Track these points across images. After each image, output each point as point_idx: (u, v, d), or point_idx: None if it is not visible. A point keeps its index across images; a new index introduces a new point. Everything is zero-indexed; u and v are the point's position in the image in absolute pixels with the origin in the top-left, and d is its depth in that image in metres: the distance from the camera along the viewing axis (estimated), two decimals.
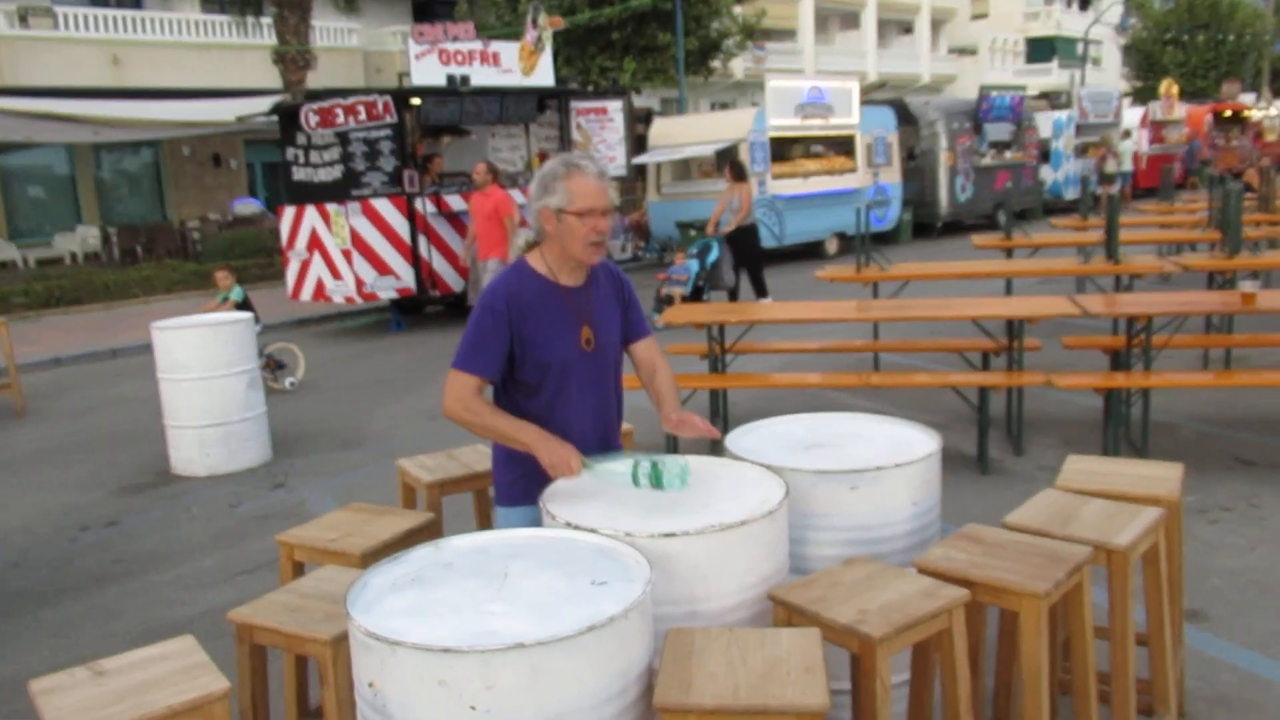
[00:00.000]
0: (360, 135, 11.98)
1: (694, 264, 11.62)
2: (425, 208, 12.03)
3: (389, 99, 11.81)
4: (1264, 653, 3.67)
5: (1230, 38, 39.57)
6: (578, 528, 2.41)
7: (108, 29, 21.88)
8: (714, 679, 2.01)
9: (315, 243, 12.57)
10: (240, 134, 22.88)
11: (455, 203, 12.15)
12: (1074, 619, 2.73)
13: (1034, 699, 2.53)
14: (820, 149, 17.94)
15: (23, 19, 20.64)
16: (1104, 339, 6.75)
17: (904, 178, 19.38)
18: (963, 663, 2.45)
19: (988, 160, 20.80)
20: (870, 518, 2.81)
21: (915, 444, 3.04)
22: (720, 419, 6.83)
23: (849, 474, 2.80)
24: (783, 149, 17.02)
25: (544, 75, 14.10)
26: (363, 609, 2.09)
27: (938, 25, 43.98)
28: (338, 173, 12.28)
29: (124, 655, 2.35)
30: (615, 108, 14.93)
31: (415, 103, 12.11)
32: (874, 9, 39.73)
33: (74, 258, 20.50)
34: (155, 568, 5.22)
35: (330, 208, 12.27)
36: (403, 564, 2.31)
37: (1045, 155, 23.03)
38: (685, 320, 6.57)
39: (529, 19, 14.07)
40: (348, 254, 12.17)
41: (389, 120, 11.77)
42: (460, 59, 13.16)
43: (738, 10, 24.12)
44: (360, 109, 11.89)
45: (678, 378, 3.09)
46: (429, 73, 12.86)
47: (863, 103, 18.18)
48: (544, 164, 2.85)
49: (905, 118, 19.82)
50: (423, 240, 12.04)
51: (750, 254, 11.93)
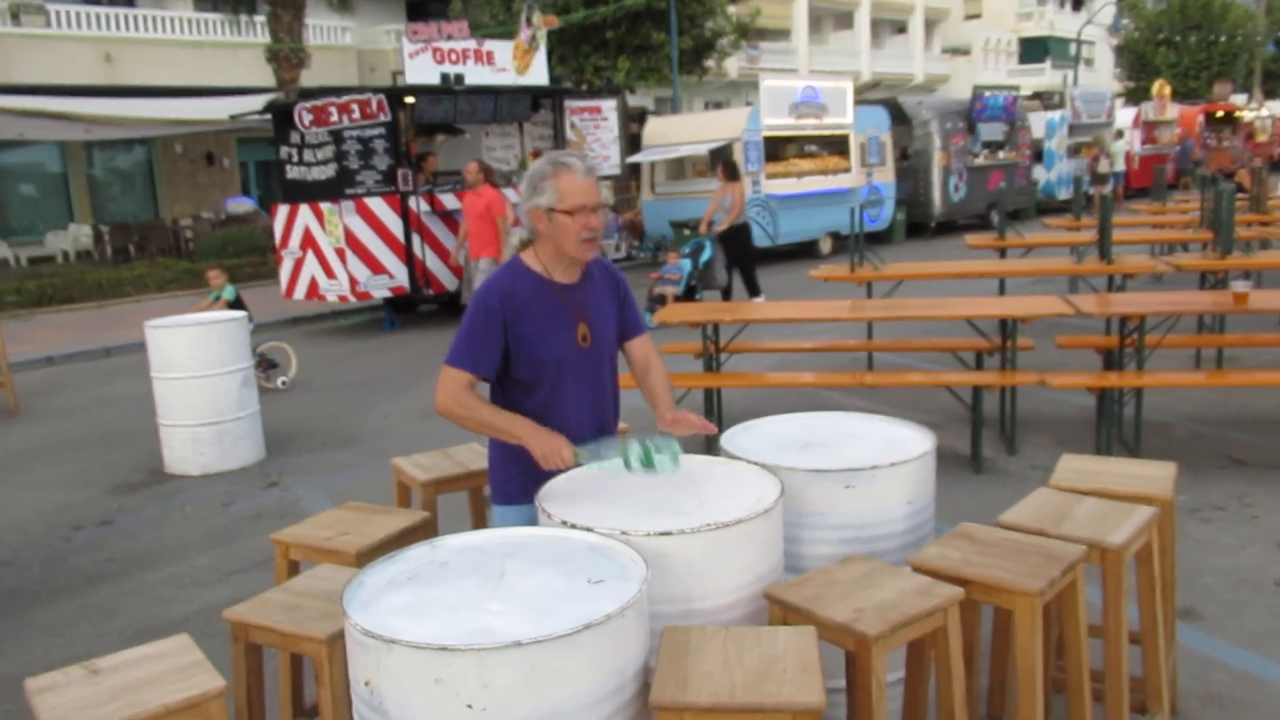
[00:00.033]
0: (354, 134, 11.96)
1: (687, 263, 11.61)
2: (419, 206, 12.01)
3: (383, 98, 11.81)
4: (1256, 651, 3.68)
5: (1222, 39, 39.73)
6: (574, 526, 2.42)
7: (100, 26, 21.79)
8: (710, 677, 2.02)
9: (309, 241, 12.54)
10: (233, 132, 22.80)
11: (449, 202, 12.13)
12: (1068, 617, 2.75)
13: (1028, 697, 2.55)
14: (814, 149, 17.98)
15: (14, 16, 20.55)
16: (1097, 339, 6.77)
17: (897, 177, 19.41)
18: (957, 661, 2.46)
19: (981, 160, 20.83)
20: (865, 517, 2.82)
21: (910, 443, 3.05)
22: (715, 418, 6.82)
23: (844, 473, 2.81)
24: (777, 148, 17.04)
25: (538, 74, 14.11)
26: (359, 607, 2.09)
27: (931, 25, 44.04)
28: (331, 171, 12.26)
29: (119, 654, 2.34)
30: (609, 107, 14.94)
31: (409, 101, 12.07)
32: (868, 9, 39.76)
33: (66, 256, 20.41)
34: (149, 567, 5.21)
35: (324, 206, 12.24)
36: (398, 563, 2.31)
37: (1038, 155, 23.10)
38: (680, 320, 6.58)
39: (523, 18, 14.09)
40: (341, 253, 12.14)
41: (383, 119, 11.75)
42: (454, 58, 13.17)
43: (732, 10, 24.11)
44: (354, 107, 11.87)
45: (672, 377, 3.09)
46: (423, 71, 12.85)
47: (856, 102, 18.22)
48: (532, 164, 2.85)
49: (899, 117, 19.86)
50: (416, 239, 12.03)
51: (742, 253, 11.94)
